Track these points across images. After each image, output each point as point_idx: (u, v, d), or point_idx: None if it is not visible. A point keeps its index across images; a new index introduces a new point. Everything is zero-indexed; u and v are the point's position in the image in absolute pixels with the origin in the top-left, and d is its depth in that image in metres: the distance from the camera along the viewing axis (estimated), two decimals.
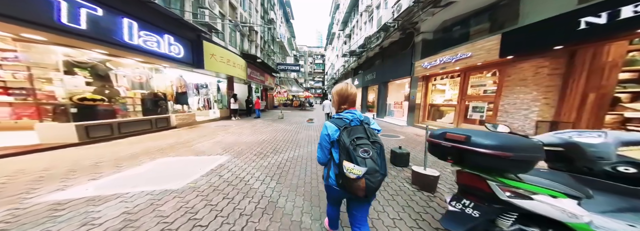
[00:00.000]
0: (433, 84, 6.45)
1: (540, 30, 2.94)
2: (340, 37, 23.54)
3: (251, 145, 3.99)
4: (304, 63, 47.36)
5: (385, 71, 9.67)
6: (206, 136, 4.68)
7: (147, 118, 4.36)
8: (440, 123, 5.92)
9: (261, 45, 14.49)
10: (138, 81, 4.30)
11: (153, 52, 4.01)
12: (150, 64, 4.57)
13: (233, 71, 7.62)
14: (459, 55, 4.51)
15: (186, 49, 4.92)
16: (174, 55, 4.53)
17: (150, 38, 3.89)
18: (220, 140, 4.30)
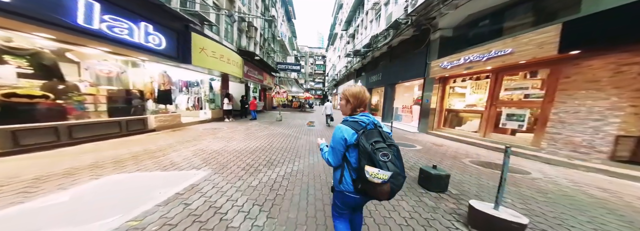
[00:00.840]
0: (451, 87, 5.75)
1: (627, 15, 2.23)
2: (343, 37, 23.03)
3: (240, 155, 3.26)
4: (305, 64, 46.87)
5: (393, 72, 8.99)
6: (188, 142, 3.90)
7: (114, 120, 3.56)
8: (460, 131, 5.19)
9: (260, 43, 13.78)
10: (105, 75, 3.51)
11: (123, 41, 3.24)
12: (124, 56, 3.78)
13: (227, 68, 6.85)
14: (493, 52, 3.81)
15: (170, 40, 4.18)
16: (153, 47, 3.77)
17: (119, 24, 3.14)
18: (204, 148, 3.53)
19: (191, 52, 4.73)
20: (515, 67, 3.77)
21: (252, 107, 8.76)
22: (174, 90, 5.34)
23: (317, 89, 46.91)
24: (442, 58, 5.40)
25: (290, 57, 25.89)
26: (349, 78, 19.57)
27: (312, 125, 7.61)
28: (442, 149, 4.18)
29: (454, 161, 3.29)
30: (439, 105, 5.90)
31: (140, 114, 4.18)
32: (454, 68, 4.95)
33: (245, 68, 8.94)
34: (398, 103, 9.35)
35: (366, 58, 13.25)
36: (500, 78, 4.12)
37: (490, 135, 4.30)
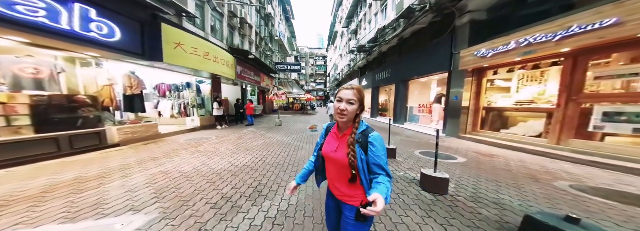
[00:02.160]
0: (490, 80, 4.59)
1: None
2: (344, 35, 22.15)
3: (218, 179, 2.31)
4: (306, 65, 46.21)
5: (405, 67, 7.87)
6: (155, 160, 2.93)
7: (45, 136, 2.60)
8: (509, 135, 4.01)
9: (257, 42, 12.93)
10: (30, 76, 2.56)
11: (39, 27, 2.25)
12: (60, 51, 2.83)
13: (214, 68, 5.91)
14: (576, 27, 2.66)
15: (128, 32, 3.25)
16: (98, 38, 2.80)
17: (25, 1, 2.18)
18: (171, 169, 2.55)
19: (162, 47, 3.78)
20: (617, 46, 2.58)
21: (249, 111, 7.80)
22: (148, 94, 4.36)
23: (318, 90, 46.06)
24: (477, 46, 4.27)
25: (289, 57, 25.12)
26: (352, 78, 18.51)
27: (315, 130, 6.57)
28: (498, 162, 3.04)
29: (541, 186, 2.16)
30: (474, 103, 4.74)
31: (94, 126, 3.23)
32: (497, 56, 3.81)
33: (238, 68, 8.01)
34: (413, 102, 8.19)
35: (372, 55, 12.17)
36: (584, 63, 2.94)
37: (568, 142, 3.10)
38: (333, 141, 0.74)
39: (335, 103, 0.67)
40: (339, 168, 0.70)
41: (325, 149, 0.75)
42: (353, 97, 0.65)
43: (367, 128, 0.69)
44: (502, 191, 2.08)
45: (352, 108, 0.65)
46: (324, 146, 0.76)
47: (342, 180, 0.70)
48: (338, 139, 0.73)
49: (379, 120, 10.65)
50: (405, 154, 3.61)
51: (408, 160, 3.28)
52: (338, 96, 0.67)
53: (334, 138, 0.75)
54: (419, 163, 3.11)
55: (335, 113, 0.68)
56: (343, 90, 0.67)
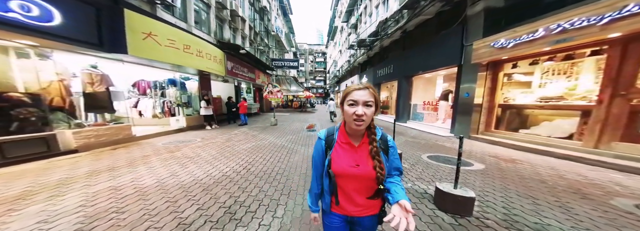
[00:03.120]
0: (507, 74, 4.06)
1: None
2: (343, 30, 21.43)
3: (182, 197, 1.83)
4: (305, 62, 45.34)
5: (409, 62, 7.31)
6: (113, 170, 2.45)
7: None
8: (529, 136, 3.52)
9: (251, 37, 12.25)
10: None
11: None
12: None
13: (198, 63, 5.34)
14: (635, 6, 2.07)
15: (74, 15, 2.64)
16: (24, 21, 2.21)
17: None
18: (124, 184, 2.08)
19: (126, 36, 3.19)
20: None
21: (242, 110, 7.28)
22: (118, 92, 3.79)
23: (318, 87, 45.40)
24: (494, 36, 3.72)
25: (288, 54, 24.35)
26: (352, 74, 17.91)
27: (312, 129, 6.08)
28: (524, 169, 2.56)
29: (595, 206, 1.67)
30: (488, 100, 4.23)
31: (39, 130, 2.71)
32: (520, 46, 3.27)
33: (228, 64, 7.44)
34: (417, 99, 7.67)
35: (373, 49, 11.55)
36: (637, 51, 2.37)
37: (611, 145, 2.59)
38: (347, 153, 0.61)
39: (347, 107, 0.56)
40: (360, 183, 0.60)
41: (340, 165, 0.60)
42: (370, 97, 0.54)
43: (382, 132, 0.64)
44: (543, 212, 1.60)
45: (370, 111, 0.55)
46: (335, 162, 0.61)
47: (362, 195, 0.61)
48: (355, 150, 0.61)
49: (380, 118, 10.15)
50: (412, 159, 3.14)
51: (415, 166, 2.80)
52: (350, 99, 0.55)
53: (346, 150, 0.62)
54: (429, 170, 2.63)
55: (350, 120, 0.55)
56: (355, 91, 0.55)
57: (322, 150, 0.65)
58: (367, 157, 0.59)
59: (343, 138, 0.63)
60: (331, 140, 0.64)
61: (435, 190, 1.77)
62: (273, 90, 7.34)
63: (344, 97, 0.57)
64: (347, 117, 0.56)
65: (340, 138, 0.63)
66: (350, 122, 0.56)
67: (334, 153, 0.62)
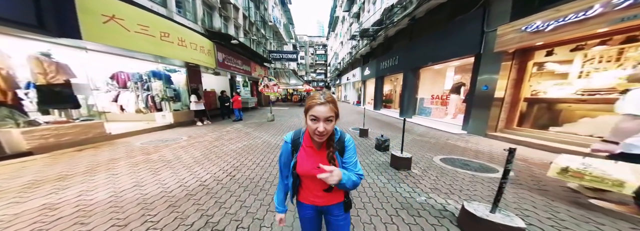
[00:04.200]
0: (537, 63, 3.44)
1: None
2: (345, 20, 20.17)
3: (137, 217, 1.44)
4: (305, 55, 43.86)
5: (416, 53, 6.62)
6: (60, 180, 2.05)
7: None
8: (564, 135, 3.00)
9: (246, 27, 11.39)
10: None
11: None
12: None
13: (180, 53, 4.76)
14: None
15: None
16: None
17: None
18: (66, 199, 1.68)
19: (78, 18, 2.60)
20: None
21: (236, 104, 6.80)
22: (81, 84, 3.24)
23: (318, 81, 44.35)
24: (527, 18, 3.07)
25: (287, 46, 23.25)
26: (353, 67, 17.06)
27: None
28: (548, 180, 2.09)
29: None
30: (512, 93, 3.66)
31: None
32: (565, 28, 2.64)
33: (219, 55, 6.81)
34: (424, 92, 7.07)
35: (376, 40, 10.68)
36: None
37: None
38: (310, 157, 0.66)
39: (310, 122, 0.58)
40: (319, 181, 0.60)
41: (304, 168, 0.66)
42: (330, 113, 0.56)
43: (341, 134, 0.69)
44: None
45: (331, 126, 0.58)
46: (300, 164, 0.66)
47: (321, 188, 0.69)
48: (317, 154, 0.66)
49: (383, 112, 9.61)
50: (422, 162, 2.70)
51: (428, 172, 2.36)
52: (311, 114, 0.57)
53: (310, 153, 0.66)
54: (445, 178, 2.19)
55: (312, 133, 0.60)
56: (317, 107, 0.56)
57: (289, 153, 0.68)
58: (325, 159, 0.64)
59: (308, 143, 0.66)
60: (297, 143, 0.67)
61: (462, 212, 1.32)
62: (269, 83, 6.79)
63: (307, 110, 0.58)
64: (310, 130, 0.59)
65: (306, 142, 0.66)
66: (312, 134, 0.60)
67: (300, 155, 0.66)
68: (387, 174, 2.31)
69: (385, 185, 2.02)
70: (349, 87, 19.34)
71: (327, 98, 0.56)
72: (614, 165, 1.25)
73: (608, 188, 1.24)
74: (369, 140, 4.02)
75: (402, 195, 1.83)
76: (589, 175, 1.30)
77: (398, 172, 2.36)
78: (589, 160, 1.37)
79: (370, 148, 3.39)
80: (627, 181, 1.16)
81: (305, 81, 18.53)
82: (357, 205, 1.65)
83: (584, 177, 1.31)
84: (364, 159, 2.85)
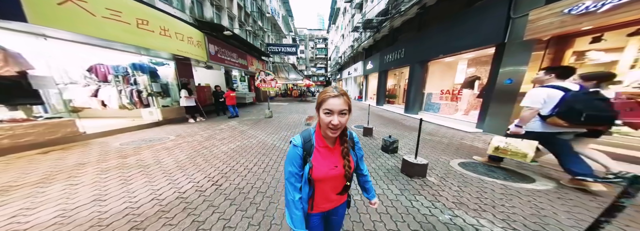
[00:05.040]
0: (577, 52, 2.95)
1: None
2: (346, 11, 19.14)
3: None
4: (305, 49, 42.59)
5: (426, 44, 6.07)
6: None
7: None
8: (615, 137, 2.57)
9: (241, 18, 10.65)
10: None
11: None
12: None
13: (162, 43, 4.23)
14: None
15: None
16: None
17: None
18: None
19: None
20: None
21: (229, 101, 6.35)
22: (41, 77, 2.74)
23: (319, 75, 43.46)
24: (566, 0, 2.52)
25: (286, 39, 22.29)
26: (355, 60, 16.36)
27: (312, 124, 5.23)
28: None
29: None
30: None
31: None
32: (627, 6, 2.12)
33: (212, 47, 6.26)
34: (432, 87, 6.58)
35: (381, 31, 9.99)
36: None
37: None
38: (327, 157, 0.62)
39: (323, 116, 0.57)
40: (335, 182, 0.64)
41: (321, 170, 0.61)
42: (345, 105, 0.56)
43: (350, 131, 0.68)
44: None
45: (345, 119, 0.57)
46: (317, 168, 0.60)
47: (334, 192, 0.66)
48: (332, 152, 0.63)
49: (386, 108, 9.17)
50: (438, 167, 2.32)
51: (447, 180, 1.99)
52: (325, 108, 0.55)
53: (325, 153, 0.63)
54: (470, 189, 1.82)
55: (326, 127, 0.58)
56: (331, 99, 0.55)
57: (300, 158, 0.62)
58: (341, 157, 0.63)
59: (321, 143, 0.63)
60: (310, 146, 0.62)
61: None
62: (266, 78, 6.29)
63: (320, 103, 0.57)
64: (323, 124, 0.58)
65: (319, 143, 0.63)
66: (325, 129, 0.58)
67: (315, 159, 0.61)
68: (399, 182, 1.95)
69: (397, 198, 1.66)
70: (350, 81, 18.74)
71: (340, 91, 0.55)
72: (521, 142, 1.73)
73: (518, 158, 1.72)
74: (374, 139, 3.63)
75: (420, 211, 1.48)
76: (510, 151, 1.77)
77: (411, 180, 1.99)
78: (509, 139, 1.83)
79: (376, 149, 3.01)
80: (528, 153, 1.66)
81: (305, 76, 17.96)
82: (365, 225, 1.31)
83: (507, 153, 1.79)
84: (370, 162, 2.49)
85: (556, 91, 1.54)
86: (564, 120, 1.52)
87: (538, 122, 1.70)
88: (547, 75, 1.70)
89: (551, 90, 1.57)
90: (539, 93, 1.62)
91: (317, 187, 0.62)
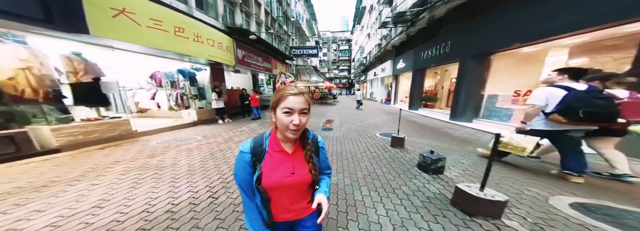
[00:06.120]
0: None
1: None
2: (373, 9, 18.05)
3: None
4: (328, 51, 42.76)
5: (486, 32, 4.73)
6: (71, 184, 1.82)
7: None
8: None
9: (268, 23, 11.21)
10: None
11: None
12: None
13: (196, 49, 4.52)
14: None
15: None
16: None
17: None
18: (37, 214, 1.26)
19: (84, 12, 2.43)
20: None
21: (254, 103, 6.56)
22: (108, 83, 3.32)
23: (342, 77, 42.68)
24: None
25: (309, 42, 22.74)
26: (382, 60, 15.01)
27: (330, 128, 4.71)
28: None
29: None
30: None
31: (4, 127, 2.29)
32: None
33: (239, 52, 6.62)
34: (497, 87, 5.04)
35: (416, 25, 8.65)
36: None
37: None
38: (281, 163, 0.56)
39: (282, 115, 0.51)
40: (294, 191, 0.58)
41: (273, 178, 0.54)
42: (305, 104, 0.52)
43: (311, 132, 0.62)
44: None
45: (306, 119, 0.53)
46: (267, 175, 0.54)
47: (302, 201, 0.60)
48: (289, 158, 0.57)
49: (422, 113, 7.72)
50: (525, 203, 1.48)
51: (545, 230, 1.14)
52: (284, 106, 0.50)
53: (280, 159, 0.56)
54: None
55: (285, 129, 0.51)
56: (291, 97, 0.50)
57: (249, 165, 0.56)
58: (303, 162, 0.58)
59: (276, 147, 0.57)
60: (260, 151, 0.56)
61: None
62: (286, 80, 6.20)
63: (277, 102, 0.51)
64: (281, 125, 0.52)
65: (273, 147, 0.57)
66: (284, 130, 0.52)
67: (265, 165, 0.55)
68: (449, 222, 1.27)
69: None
70: (376, 83, 17.34)
71: (300, 90, 0.52)
72: (523, 137, 1.80)
73: (518, 152, 1.81)
74: (405, 153, 2.86)
75: None
76: (511, 145, 1.86)
77: (471, 220, 1.27)
78: (514, 135, 1.89)
79: (409, 166, 2.31)
80: (526, 148, 1.74)
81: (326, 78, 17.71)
82: None
83: (508, 146, 1.87)
84: (400, 185, 1.85)
85: (559, 90, 1.62)
86: (564, 117, 1.60)
87: (541, 120, 1.79)
88: (559, 75, 1.74)
89: (554, 89, 1.66)
90: (541, 92, 1.72)
91: (271, 197, 0.55)
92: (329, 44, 43.32)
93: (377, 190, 1.75)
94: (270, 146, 0.56)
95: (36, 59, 2.44)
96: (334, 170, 2.31)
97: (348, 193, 1.71)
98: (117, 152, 2.86)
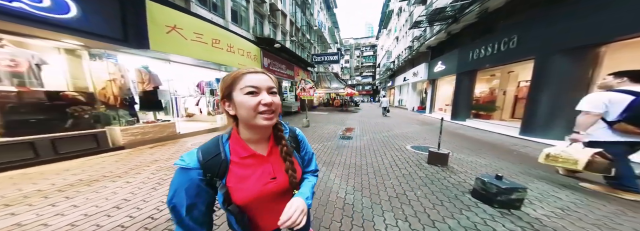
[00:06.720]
0: None
1: None
2: (402, 11, 17.10)
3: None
4: (350, 58, 42.50)
5: (603, 15, 3.40)
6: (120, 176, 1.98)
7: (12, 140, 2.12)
8: None
9: (292, 32, 11.82)
10: (8, 69, 2.21)
11: None
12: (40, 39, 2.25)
13: (228, 58, 4.84)
14: None
15: (93, 7, 2.31)
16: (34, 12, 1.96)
17: None
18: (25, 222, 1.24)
19: (148, 30, 2.86)
20: None
21: None
22: (163, 91, 3.89)
23: (365, 84, 41.15)
24: None
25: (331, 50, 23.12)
26: (414, 64, 13.55)
27: (348, 137, 4.14)
28: None
29: None
30: None
31: (91, 127, 2.79)
32: None
33: (265, 60, 7.00)
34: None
35: (459, 22, 7.44)
36: None
37: None
38: (255, 170, 0.43)
39: (245, 98, 0.38)
40: (280, 199, 0.45)
41: (251, 188, 0.42)
42: (272, 83, 0.42)
43: (288, 125, 0.52)
44: None
45: (278, 100, 0.42)
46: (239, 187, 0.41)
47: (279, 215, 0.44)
48: (265, 161, 0.45)
49: (470, 124, 6.19)
50: None
51: None
52: (247, 85, 0.39)
53: (252, 165, 0.43)
54: None
55: (253, 115, 0.39)
56: (250, 75, 0.40)
57: (202, 185, 0.40)
58: (280, 163, 0.46)
59: (243, 152, 0.43)
60: (216, 163, 0.41)
61: None
62: (305, 86, 6.10)
63: (230, 85, 0.39)
64: (248, 111, 0.38)
65: (239, 153, 0.43)
66: (253, 118, 0.39)
67: (231, 179, 0.41)
68: None
69: None
70: (406, 89, 15.71)
71: (258, 69, 0.41)
72: (579, 149, 1.62)
73: (570, 166, 1.62)
74: (450, 173, 2.13)
75: None
76: (561, 158, 1.68)
77: None
78: (568, 148, 1.67)
79: (456, 192, 1.70)
80: (579, 160, 1.56)
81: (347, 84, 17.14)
82: None
83: (558, 160, 1.70)
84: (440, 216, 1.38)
85: (622, 95, 1.47)
86: (635, 126, 1.45)
87: (605, 129, 1.56)
88: (617, 79, 1.56)
89: (615, 93, 1.50)
90: (598, 97, 1.55)
91: (252, 213, 0.43)
92: (352, 50, 43.17)
93: (407, 220, 1.33)
94: (232, 153, 0.42)
95: (119, 73, 3.01)
96: (351, 186, 1.87)
97: (367, 219, 1.35)
98: (160, 151, 3.10)
